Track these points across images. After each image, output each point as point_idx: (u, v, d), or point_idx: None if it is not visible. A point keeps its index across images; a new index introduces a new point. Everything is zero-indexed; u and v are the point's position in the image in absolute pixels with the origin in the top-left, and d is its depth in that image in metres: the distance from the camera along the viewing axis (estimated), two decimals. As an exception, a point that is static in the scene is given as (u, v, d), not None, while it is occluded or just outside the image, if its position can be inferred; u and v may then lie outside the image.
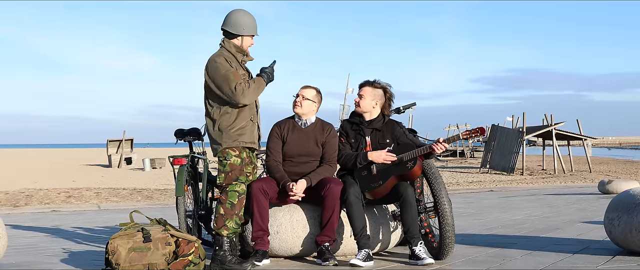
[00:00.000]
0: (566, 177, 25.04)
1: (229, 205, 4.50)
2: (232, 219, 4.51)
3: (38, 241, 6.78)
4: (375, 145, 4.86)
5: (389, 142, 4.83)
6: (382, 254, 5.04)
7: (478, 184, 21.24)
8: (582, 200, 11.35)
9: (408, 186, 4.66)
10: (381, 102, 4.93)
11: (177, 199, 5.26)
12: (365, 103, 4.89)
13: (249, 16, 4.69)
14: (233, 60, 4.63)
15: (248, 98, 4.50)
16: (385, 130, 4.89)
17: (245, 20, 4.66)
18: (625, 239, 4.61)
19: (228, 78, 4.48)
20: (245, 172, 4.63)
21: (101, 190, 18.61)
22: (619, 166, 33.93)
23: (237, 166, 4.54)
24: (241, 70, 4.64)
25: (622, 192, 4.92)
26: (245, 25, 4.65)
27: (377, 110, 4.92)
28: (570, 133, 31.98)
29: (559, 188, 17.28)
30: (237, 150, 4.56)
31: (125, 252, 4.23)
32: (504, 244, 5.51)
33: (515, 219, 8.06)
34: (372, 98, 4.89)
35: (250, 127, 4.62)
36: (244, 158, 4.58)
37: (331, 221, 4.61)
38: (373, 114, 4.91)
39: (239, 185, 4.52)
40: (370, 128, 4.90)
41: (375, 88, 4.92)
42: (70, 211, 12.21)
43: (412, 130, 5.25)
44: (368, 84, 4.93)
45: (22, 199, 15.41)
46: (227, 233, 4.51)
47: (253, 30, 4.70)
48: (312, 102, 4.89)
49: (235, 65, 4.61)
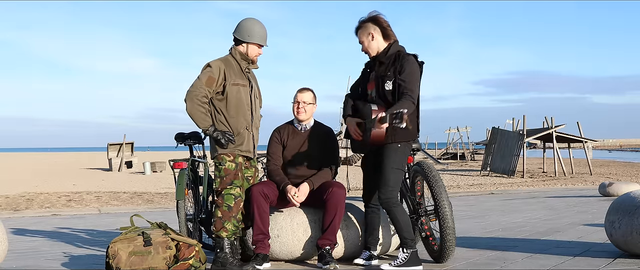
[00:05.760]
0: (567, 180, 25.03)
1: (226, 208, 4.55)
2: (230, 221, 4.56)
3: (39, 245, 6.78)
4: (378, 79, 4.55)
5: (389, 75, 4.49)
6: (383, 257, 5.04)
7: (479, 187, 21.24)
8: (582, 202, 11.35)
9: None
10: (376, 33, 4.55)
11: (177, 202, 5.26)
12: (363, 45, 4.62)
13: (259, 25, 4.72)
14: (234, 67, 4.66)
15: (188, 105, 4.52)
16: (388, 62, 4.54)
17: (254, 29, 4.69)
18: (626, 242, 4.61)
19: (200, 78, 4.57)
20: (247, 177, 4.71)
21: (102, 194, 18.62)
22: (619, 169, 33.92)
23: (232, 171, 4.59)
24: (242, 78, 4.67)
25: (623, 194, 4.92)
26: (252, 33, 4.68)
27: (376, 43, 4.58)
28: (570, 135, 32.00)
29: (559, 191, 17.27)
30: (232, 155, 4.63)
31: (126, 256, 4.23)
32: (505, 246, 5.50)
33: (516, 222, 8.05)
34: (366, 36, 4.59)
35: (246, 136, 4.67)
36: (239, 163, 4.65)
37: (333, 225, 4.61)
38: (375, 48, 4.59)
39: (234, 189, 4.57)
40: (377, 62, 4.62)
41: (364, 25, 4.60)
42: (71, 215, 12.21)
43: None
44: (357, 28, 4.63)
45: (23, 202, 15.42)
46: (226, 234, 4.56)
47: (260, 39, 4.71)
48: (312, 105, 4.94)
49: (236, 72, 4.66)
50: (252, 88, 4.76)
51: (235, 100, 4.63)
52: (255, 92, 4.79)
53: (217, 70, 4.61)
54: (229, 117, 4.64)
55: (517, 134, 30.12)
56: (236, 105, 4.64)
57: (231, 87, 4.62)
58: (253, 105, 4.74)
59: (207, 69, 4.63)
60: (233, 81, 4.63)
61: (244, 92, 4.67)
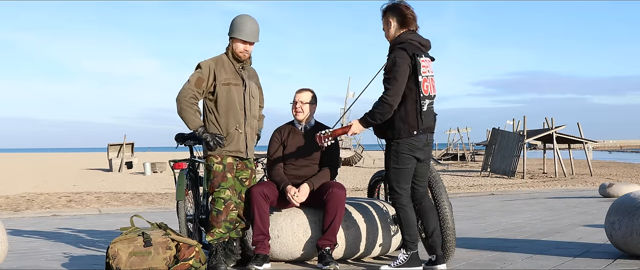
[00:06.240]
0: (567, 181, 25.03)
1: (215, 213, 4.54)
2: (218, 225, 4.53)
3: (39, 245, 6.78)
4: None
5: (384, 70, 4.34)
6: (382, 258, 5.04)
7: (479, 188, 21.24)
8: (582, 203, 11.34)
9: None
10: (387, 21, 4.37)
11: (177, 203, 5.27)
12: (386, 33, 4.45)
13: (249, 22, 4.61)
14: (227, 65, 4.61)
15: (177, 106, 4.54)
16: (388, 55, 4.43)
17: (240, 24, 4.59)
18: (626, 243, 4.61)
19: (190, 79, 4.57)
20: (241, 178, 4.68)
21: (102, 194, 18.62)
22: (619, 169, 33.93)
23: (219, 173, 4.56)
24: (234, 77, 4.60)
25: (623, 195, 4.92)
26: (237, 28, 4.58)
27: (388, 31, 4.38)
28: (571, 136, 32.00)
29: (559, 191, 17.27)
30: (220, 157, 4.60)
31: (126, 257, 4.23)
32: (505, 247, 5.51)
33: (516, 223, 8.05)
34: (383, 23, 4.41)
35: (236, 136, 4.62)
36: (228, 164, 4.60)
37: (333, 225, 4.61)
38: (387, 36, 4.41)
39: (223, 192, 4.53)
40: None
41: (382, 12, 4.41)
42: (71, 215, 12.21)
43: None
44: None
45: (23, 203, 15.43)
46: (211, 239, 4.54)
47: (245, 35, 4.57)
48: (311, 105, 4.92)
49: (229, 71, 4.60)
50: (246, 87, 4.68)
51: (225, 100, 4.59)
52: (251, 90, 4.71)
53: (207, 70, 4.58)
54: (219, 117, 4.61)
55: (517, 134, 30.14)
56: (226, 105, 4.59)
57: (221, 87, 4.58)
58: (247, 104, 4.67)
59: (197, 70, 4.61)
60: (224, 80, 4.58)
61: (235, 91, 4.61)
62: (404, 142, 4.24)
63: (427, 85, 4.27)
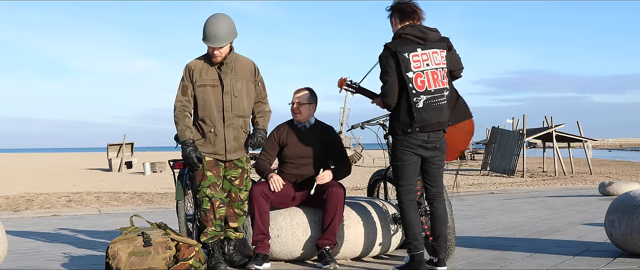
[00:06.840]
0: (567, 179, 25.04)
1: (203, 212, 4.55)
2: (209, 225, 4.54)
3: (38, 246, 6.78)
4: None
5: None
6: (382, 257, 5.04)
7: (478, 187, 21.25)
8: (582, 202, 11.35)
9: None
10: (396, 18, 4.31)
11: (177, 203, 5.26)
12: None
13: (209, 25, 4.45)
14: (206, 67, 4.57)
15: (173, 114, 4.60)
16: None
17: (204, 28, 4.48)
18: (626, 241, 4.61)
19: (178, 90, 4.61)
20: (230, 177, 4.64)
21: (101, 194, 18.62)
22: (619, 168, 33.93)
23: (200, 172, 4.57)
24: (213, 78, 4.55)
25: (623, 194, 4.92)
26: (203, 32, 4.50)
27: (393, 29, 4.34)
28: (570, 135, 32.01)
29: (559, 190, 17.28)
30: None
31: (126, 256, 4.23)
32: (505, 246, 5.51)
33: (516, 221, 8.05)
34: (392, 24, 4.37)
35: (212, 139, 4.59)
36: (207, 163, 4.57)
37: (332, 225, 4.61)
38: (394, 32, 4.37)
39: (204, 190, 4.53)
40: None
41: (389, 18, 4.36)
42: (71, 215, 12.21)
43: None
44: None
45: (23, 203, 15.42)
46: (205, 239, 4.54)
47: (206, 40, 4.46)
48: (309, 105, 4.90)
49: (208, 72, 4.55)
50: (225, 87, 4.55)
51: (201, 101, 4.56)
52: (233, 90, 4.57)
53: (187, 76, 4.59)
54: (197, 119, 4.63)
55: (517, 133, 30.14)
56: (202, 107, 4.57)
57: (198, 89, 4.56)
58: (227, 105, 4.55)
59: (181, 77, 4.63)
60: (201, 82, 4.55)
61: (212, 93, 4.53)
62: (400, 139, 4.20)
63: (423, 80, 4.07)
